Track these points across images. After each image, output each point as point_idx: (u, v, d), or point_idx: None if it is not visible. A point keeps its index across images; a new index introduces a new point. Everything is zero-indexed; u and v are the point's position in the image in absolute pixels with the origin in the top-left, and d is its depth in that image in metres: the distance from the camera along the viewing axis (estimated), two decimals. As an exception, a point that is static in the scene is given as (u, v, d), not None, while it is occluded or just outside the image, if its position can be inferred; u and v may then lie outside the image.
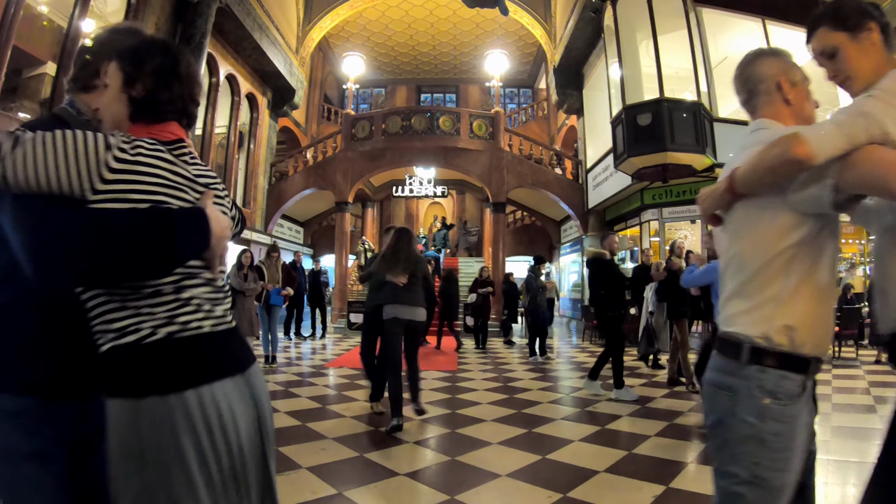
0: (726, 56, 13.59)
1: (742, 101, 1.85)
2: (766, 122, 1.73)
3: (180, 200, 1.44)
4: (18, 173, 1.24)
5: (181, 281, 1.44)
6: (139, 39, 1.63)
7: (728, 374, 1.60)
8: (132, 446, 1.32)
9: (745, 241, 1.61)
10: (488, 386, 8.14)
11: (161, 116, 1.53)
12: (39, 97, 10.40)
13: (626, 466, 4.37)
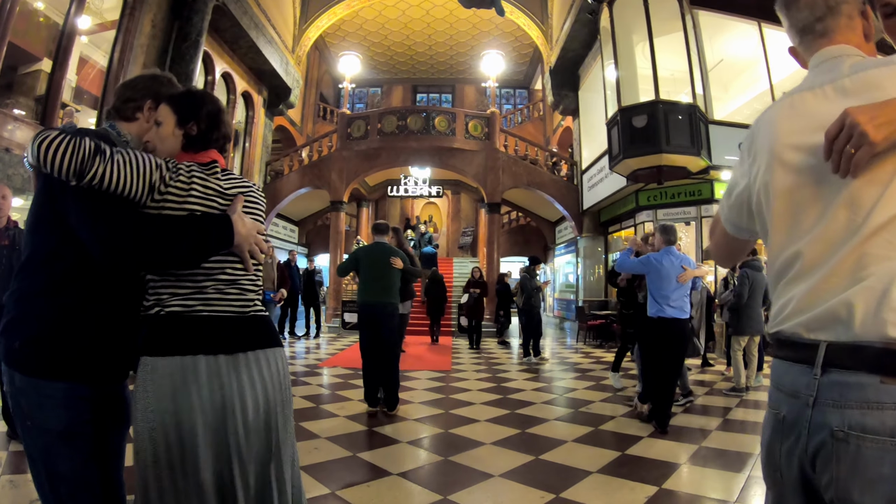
0: (722, 58, 13.66)
1: (807, 17, 1.43)
2: (854, 49, 1.37)
3: (208, 208, 1.86)
4: (112, 176, 1.65)
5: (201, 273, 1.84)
6: (185, 89, 2.13)
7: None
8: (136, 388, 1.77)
9: None
10: (482, 386, 8.15)
11: (207, 147, 2.02)
12: (35, 94, 10.39)
13: (618, 467, 4.39)
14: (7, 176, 7.90)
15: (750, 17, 12.69)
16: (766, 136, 1.40)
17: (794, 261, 1.27)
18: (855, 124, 1.11)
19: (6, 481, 3.75)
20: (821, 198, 1.25)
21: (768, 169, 1.36)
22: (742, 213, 1.51)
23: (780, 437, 1.28)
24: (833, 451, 1.13)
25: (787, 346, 1.28)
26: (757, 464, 4.43)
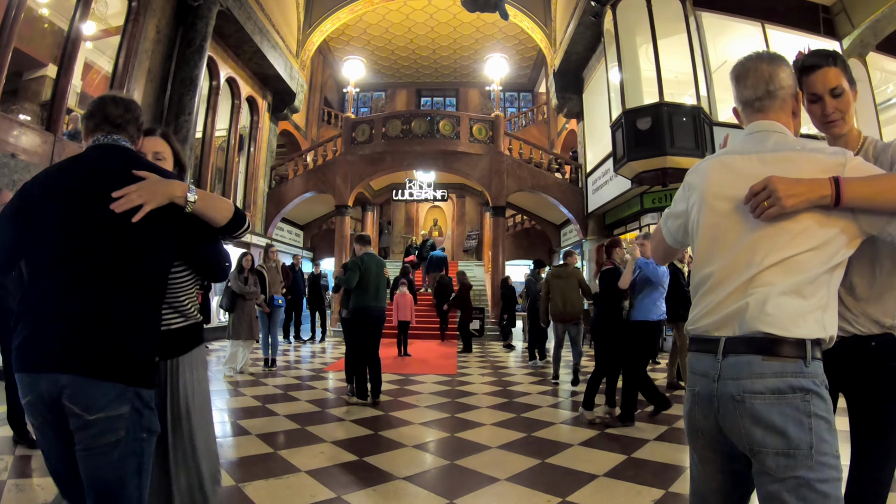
0: (726, 60, 13.60)
1: (750, 95, 1.86)
2: (781, 126, 1.81)
3: None
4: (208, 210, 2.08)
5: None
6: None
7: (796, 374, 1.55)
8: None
9: (807, 245, 1.60)
10: (487, 390, 8.14)
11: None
12: (40, 99, 10.43)
13: (625, 470, 4.37)
14: (13, 181, 7.92)
15: (753, 18, 12.67)
16: (701, 182, 1.86)
17: (708, 278, 1.75)
18: (774, 189, 1.57)
19: (12, 485, 3.75)
20: (733, 238, 1.71)
21: (699, 208, 1.84)
22: (680, 230, 2.01)
23: (697, 406, 1.72)
24: (735, 410, 1.58)
25: (699, 341, 1.74)
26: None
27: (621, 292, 6.19)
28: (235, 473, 4.17)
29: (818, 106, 2.05)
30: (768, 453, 1.52)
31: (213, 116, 14.50)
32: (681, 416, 6.08)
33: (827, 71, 2.01)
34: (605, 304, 6.40)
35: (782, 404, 1.52)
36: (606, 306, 6.38)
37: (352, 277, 7.05)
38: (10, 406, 4.69)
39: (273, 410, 6.44)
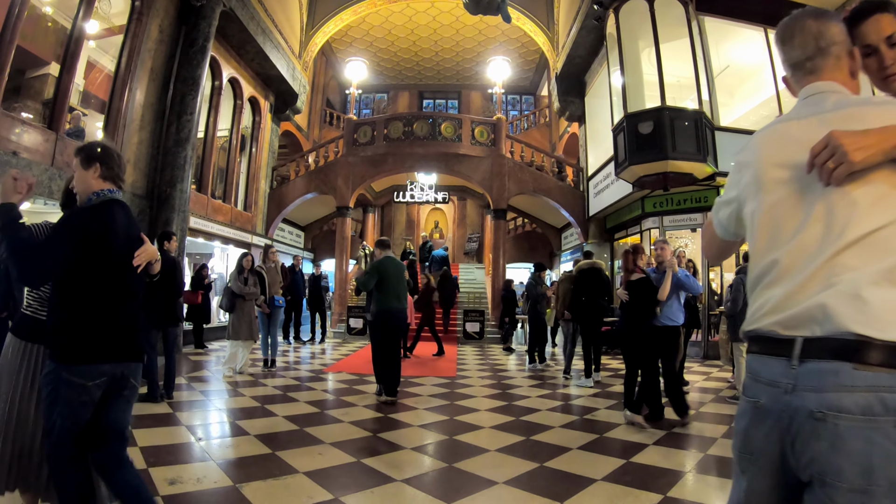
0: (728, 65, 13.63)
1: (799, 56, 1.62)
2: (839, 86, 1.58)
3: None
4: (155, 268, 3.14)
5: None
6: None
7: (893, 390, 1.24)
8: None
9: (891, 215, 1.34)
10: (487, 393, 8.13)
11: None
12: (42, 97, 10.43)
13: (623, 475, 4.36)
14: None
15: (756, 23, 12.68)
16: (754, 157, 1.60)
17: (772, 267, 1.47)
18: (838, 145, 1.32)
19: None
20: (799, 213, 1.45)
21: (755, 186, 1.56)
22: (732, 219, 1.72)
23: (760, 423, 1.42)
24: (813, 431, 1.29)
25: (765, 342, 1.45)
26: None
27: (654, 302, 6.22)
28: (233, 474, 4.17)
29: (874, 59, 1.72)
30: (841, 487, 1.25)
31: (216, 116, 14.51)
32: (678, 421, 6.08)
33: (880, 18, 1.71)
34: (635, 313, 6.33)
35: (873, 429, 1.23)
36: (635, 315, 6.32)
37: (368, 280, 7.37)
38: None
39: (272, 411, 6.43)
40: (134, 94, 10.77)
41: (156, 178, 11.43)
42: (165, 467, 4.24)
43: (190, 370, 9.36)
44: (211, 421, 6.21)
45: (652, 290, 6.23)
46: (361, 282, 7.52)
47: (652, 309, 6.27)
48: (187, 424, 5.73)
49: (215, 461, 4.48)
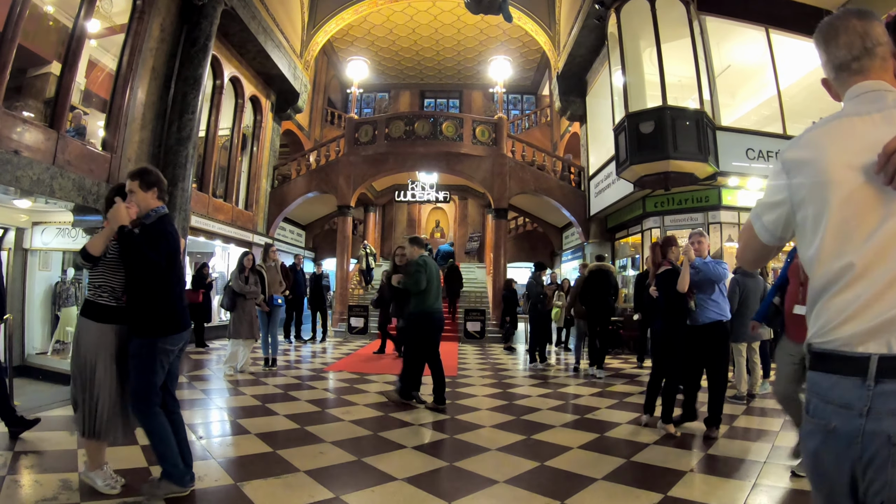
0: (729, 64, 13.61)
1: (845, 56, 1.56)
2: (889, 86, 1.51)
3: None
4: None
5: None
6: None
7: None
8: None
9: None
10: (488, 392, 8.14)
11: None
12: (44, 96, 10.44)
13: (624, 474, 4.37)
14: (15, 178, 7.93)
15: (757, 23, 12.68)
16: (816, 155, 1.47)
17: (845, 272, 1.35)
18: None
19: (11, 481, 3.76)
20: (875, 212, 1.34)
21: (818, 186, 1.44)
22: (780, 223, 1.60)
23: (830, 447, 1.34)
24: (889, 457, 1.20)
25: (835, 360, 1.35)
26: (763, 471, 4.41)
27: (684, 294, 5.68)
28: (234, 472, 4.18)
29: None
30: None
31: (217, 115, 14.51)
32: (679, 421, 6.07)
33: None
34: (669, 308, 5.83)
35: None
36: (670, 311, 5.83)
37: (421, 280, 6.78)
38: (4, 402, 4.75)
39: (273, 410, 6.44)
40: (135, 93, 10.77)
41: (157, 176, 11.41)
42: (166, 465, 4.25)
43: (191, 369, 9.37)
44: (212, 419, 6.22)
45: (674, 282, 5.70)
46: (413, 281, 6.80)
47: (682, 304, 5.72)
48: (188, 423, 5.72)
49: (216, 459, 4.48)
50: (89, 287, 3.69)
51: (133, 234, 3.55)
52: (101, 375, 3.56)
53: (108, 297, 3.66)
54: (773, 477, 4.31)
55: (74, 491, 3.61)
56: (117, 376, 3.64)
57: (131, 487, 3.67)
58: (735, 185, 12.36)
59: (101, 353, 3.58)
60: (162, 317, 3.65)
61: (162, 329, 3.63)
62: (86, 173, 9.53)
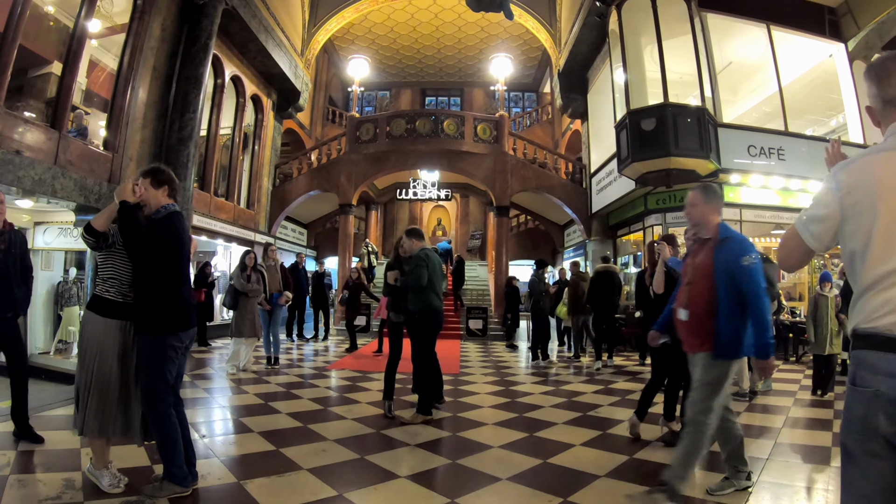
0: (731, 61, 13.61)
1: (893, 95, 1.91)
2: None
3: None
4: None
5: None
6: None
7: None
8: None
9: None
10: (490, 389, 8.14)
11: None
12: (45, 96, 10.45)
13: (626, 471, 4.37)
14: (17, 178, 7.94)
15: (759, 19, 12.67)
16: (868, 181, 1.84)
17: (890, 275, 1.75)
18: None
19: (14, 480, 3.77)
20: None
21: (870, 206, 1.81)
22: (828, 234, 1.94)
23: (877, 407, 1.72)
24: None
25: (884, 341, 1.73)
26: (765, 468, 4.41)
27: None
28: (237, 470, 4.19)
29: None
30: None
31: (218, 114, 14.51)
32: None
33: None
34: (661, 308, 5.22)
35: None
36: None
37: (424, 274, 6.20)
38: (16, 402, 4.71)
39: (275, 408, 6.45)
40: (136, 93, 10.77)
41: (159, 176, 11.42)
42: (170, 464, 4.26)
43: (193, 367, 9.38)
44: (214, 418, 6.23)
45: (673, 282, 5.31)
46: (415, 277, 6.17)
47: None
48: (191, 421, 5.73)
49: (219, 458, 4.49)
50: (97, 280, 3.71)
51: (134, 210, 3.60)
52: (101, 370, 3.57)
53: (114, 291, 3.66)
54: (775, 474, 4.31)
55: (78, 490, 3.62)
56: (119, 373, 3.63)
57: (134, 486, 3.67)
58: (737, 181, 12.35)
59: (103, 348, 3.58)
60: (170, 313, 3.67)
61: (170, 326, 3.66)
62: (87, 173, 9.53)
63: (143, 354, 3.64)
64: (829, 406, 7.01)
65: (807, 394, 7.90)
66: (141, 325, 3.64)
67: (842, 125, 14.01)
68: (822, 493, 3.98)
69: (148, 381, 3.62)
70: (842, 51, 13.11)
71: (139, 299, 3.67)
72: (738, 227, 12.76)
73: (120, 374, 3.64)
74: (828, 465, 4.56)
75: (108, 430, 3.60)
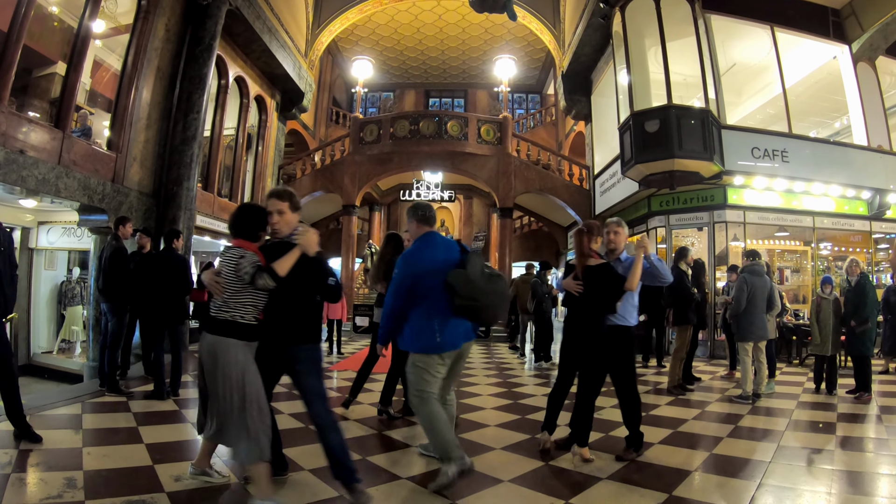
0: (735, 63, 13.60)
1: None
2: None
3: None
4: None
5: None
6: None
7: None
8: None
9: None
10: (492, 391, 8.13)
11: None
12: (49, 96, 10.49)
13: (629, 474, 4.35)
14: (22, 177, 7.96)
15: (763, 21, 12.65)
16: None
17: None
18: None
19: (16, 479, 3.77)
20: None
21: None
22: None
23: None
24: None
25: None
26: (768, 471, 4.39)
27: (617, 294, 4.87)
28: (238, 470, 4.18)
29: None
30: None
31: (222, 115, 14.54)
32: (685, 420, 6.08)
33: None
34: (591, 307, 4.90)
35: None
36: (591, 311, 4.90)
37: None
38: (8, 401, 4.70)
39: (276, 408, 6.42)
40: (140, 93, 10.80)
41: (162, 176, 11.45)
42: (171, 464, 4.27)
43: (195, 368, 9.38)
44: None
45: (616, 280, 4.82)
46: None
47: (613, 303, 4.92)
48: (193, 421, 5.75)
49: (220, 458, 4.48)
50: (223, 308, 3.61)
51: (322, 259, 3.80)
52: (252, 393, 3.55)
53: (251, 317, 3.63)
54: (778, 477, 4.29)
55: (79, 489, 3.62)
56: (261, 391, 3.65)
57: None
58: (740, 184, 12.31)
59: (247, 369, 3.56)
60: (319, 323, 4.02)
61: (320, 334, 4.01)
62: (91, 173, 9.55)
63: (311, 360, 3.87)
64: (832, 409, 6.98)
65: (810, 396, 7.88)
66: (298, 337, 3.82)
67: (846, 127, 13.99)
68: (825, 496, 3.96)
69: (319, 385, 3.87)
70: (846, 52, 13.09)
71: (295, 316, 3.82)
72: (742, 229, 12.75)
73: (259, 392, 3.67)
74: (831, 467, 4.54)
75: (267, 451, 3.57)
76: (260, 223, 3.75)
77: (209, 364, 3.63)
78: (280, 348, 3.77)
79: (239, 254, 3.55)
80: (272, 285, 3.53)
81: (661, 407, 7.05)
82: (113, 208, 9.92)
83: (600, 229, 5.14)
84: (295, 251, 3.62)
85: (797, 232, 13.66)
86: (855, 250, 14.12)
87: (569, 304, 5.13)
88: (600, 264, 4.90)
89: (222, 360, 3.54)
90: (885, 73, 13.71)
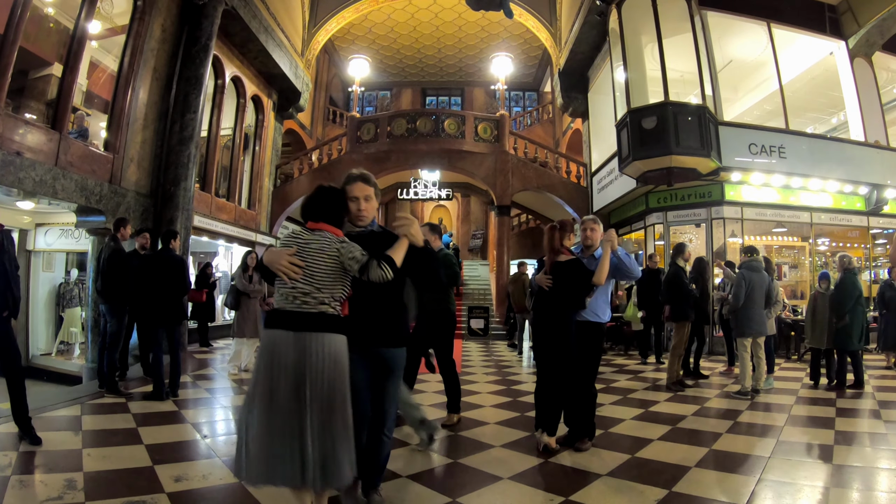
0: (731, 59, 13.60)
1: None
2: None
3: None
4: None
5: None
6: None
7: None
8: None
9: None
10: (492, 389, 8.13)
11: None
12: (46, 98, 10.46)
13: (628, 470, 4.36)
14: (18, 179, 7.95)
15: (759, 17, 12.66)
16: None
17: None
18: None
19: (16, 481, 3.77)
20: None
21: None
22: None
23: None
24: None
25: None
26: (767, 466, 4.39)
27: (586, 290, 4.98)
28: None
29: None
30: None
31: (219, 115, 14.50)
32: (684, 416, 6.09)
33: None
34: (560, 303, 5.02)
35: None
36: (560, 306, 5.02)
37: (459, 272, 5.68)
38: (15, 403, 4.70)
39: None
40: (137, 94, 10.79)
41: (160, 176, 11.44)
42: (171, 464, 4.26)
43: (195, 368, 9.39)
44: (216, 418, 6.23)
45: (585, 275, 4.91)
46: (454, 274, 6.06)
47: (582, 299, 4.99)
48: (193, 422, 5.75)
49: (220, 458, 4.49)
50: (322, 299, 3.00)
51: (431, 249, 3.41)
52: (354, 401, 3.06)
53: (339, 307, 3.07)
54: (778, 472, 4.30)
55: (79, 491, 3.62)
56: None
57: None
58: (738, 180, 12.33)
59: (346, 374, 3.02)
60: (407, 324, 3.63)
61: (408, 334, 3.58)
62: (88, 174, 9.54)
63: (396, 367, 3.38)
64: (831, 404, 7.00)
65: (808, 391, 7.89)
66: (391, 340, 3.33)
67: (843, 123, 14.02)
68: (824, 490, 3.97)
69: (396, 398, 3.54)
70: (842, 48, 13.11)
71: (385, 314, 3.34)
72: (740, 225, 12.78)
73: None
74: (830, 462, 4.55)
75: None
76: (346, 208, 3.24)
77: (330, 371, 2.92)
78: (367, 348, 3.24)
79: (338, 238, 3.06)
80: (390, 277, 2.99)
81: (660, 403, 7.06)
82: (110, 209, 9.91)
83: (573, 226, 5.34)
84: (403, 241, 3.15)
85: (795, 228, 13.69)
86: (852, 246, 14.16)
87: (539, 299, 5.28)
88: (569, 259, 5.05)
89: (343, 361, 3.00)
90: (882, 68, 13.73)
